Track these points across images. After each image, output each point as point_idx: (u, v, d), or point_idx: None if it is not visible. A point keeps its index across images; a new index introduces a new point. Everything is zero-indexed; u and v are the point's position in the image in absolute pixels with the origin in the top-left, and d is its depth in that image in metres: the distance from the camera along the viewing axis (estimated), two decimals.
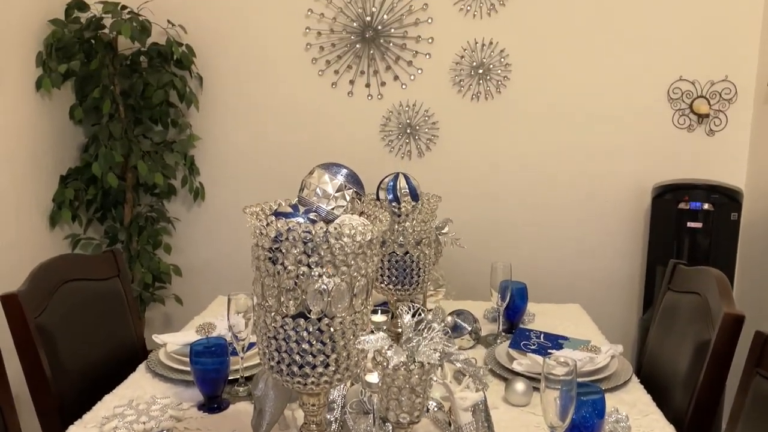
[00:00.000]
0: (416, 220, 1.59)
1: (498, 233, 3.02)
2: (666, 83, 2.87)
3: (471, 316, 1.86)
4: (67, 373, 1.57)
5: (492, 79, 2.93)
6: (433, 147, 3.01)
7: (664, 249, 2.69)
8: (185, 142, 2.96)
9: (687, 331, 1.60)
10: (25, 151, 2.58)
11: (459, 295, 2.32)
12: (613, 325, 2.96)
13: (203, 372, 1.46)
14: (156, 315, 3.20)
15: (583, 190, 2.96)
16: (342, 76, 2.97)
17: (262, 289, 1.00)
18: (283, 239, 0.95)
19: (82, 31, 2.69)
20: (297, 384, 1.01)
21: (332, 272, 0.96)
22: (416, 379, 0.94)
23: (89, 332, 1.70)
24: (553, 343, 1.74)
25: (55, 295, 1.61)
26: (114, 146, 2.71)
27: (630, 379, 1.60)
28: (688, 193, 2.62)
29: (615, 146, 2.92)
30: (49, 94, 2.71)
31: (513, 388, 1.49)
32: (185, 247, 3.13)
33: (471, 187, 3.01)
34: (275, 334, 1.00)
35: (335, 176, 1.05)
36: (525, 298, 1.98)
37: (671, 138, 2.90)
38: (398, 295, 1.63)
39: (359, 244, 0.97)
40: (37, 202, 2.66)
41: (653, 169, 2.90)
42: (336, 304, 0.97)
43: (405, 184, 1.57)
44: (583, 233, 2.99)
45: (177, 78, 2.81)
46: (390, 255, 1.60)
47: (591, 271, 3.01)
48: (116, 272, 1.87)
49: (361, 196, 1.08)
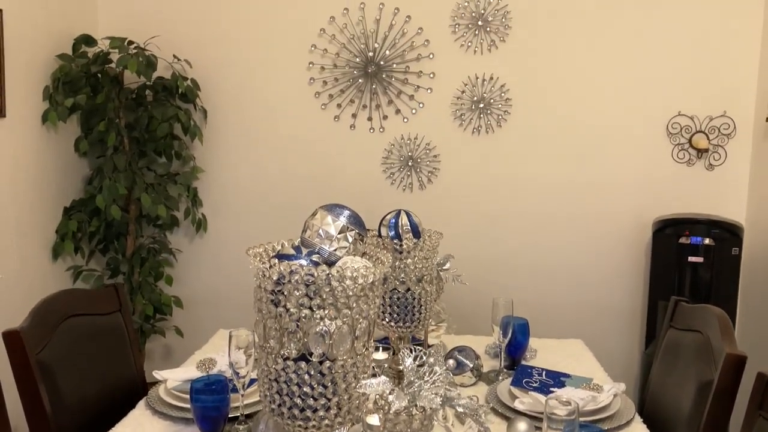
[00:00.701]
0: (418, 257, 1.59)
1: (499, 267, 3.02)
2: (665, 118, 2.91)
3: (473, 352, 1.85)
4: (67, 408, 1.57)
5: (492, 113, 2.96)
6: (435, 180, 3.03)
7: (666, 283, 2.69)
8: (189, 174, 2.99)
9: (689, 369, 1.59)
10: (31, 183, 2.60)
11: (461, 330, 2.31)
12: (615, 359, 2.95)
13: (203, 410, 1.45)
14: (156, 347, 3.19)
15: (585, 224, 2.98)
16: (344, 109, 3.01)
17: (264, 330, 1.00)
18: (286, 282, 0.96)
19: (89, 65, 2.73)
20: (298, 427, 1.00)
21: (334, 315, 0.97)
22: (418, 423, 0.94)
23: (90, 367, 1.70)
24: (555, 381, 1.73)
25: (57, 331, 1.62)
26: (118, 178, 2.73)
27: (633, 419, 1.59)
28: (688, 228, 2.63)
29: (616, 180, 2.94)
30: (55, 128, 2.74)
31: (515, 428, 1.48)
32: (187, 278, 3.14)
33: (472, 220, 3.02)
34: (277, 376, 0.99)
35: (338, 217, 1.06)
36: (527, 334, 1.98)
37: (671, 172, 2.92)
38: (400, 332, 1.63)
39: (361, 286, 0.98)
40: (40, 234, 2.67)
41: (654, 204, 2.91)
42: (337, 347, 0.97)
43: (407, 221, 1.58)
44: (584, 267, 3.00)
45: (182, 111, 2.85)
46: (391, 292, 1.60)
47: (593, 305, 3.01)
48: (118, 306, 1.87)
49: (364, 237, 1.09)
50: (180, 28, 3.00)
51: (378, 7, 2.92)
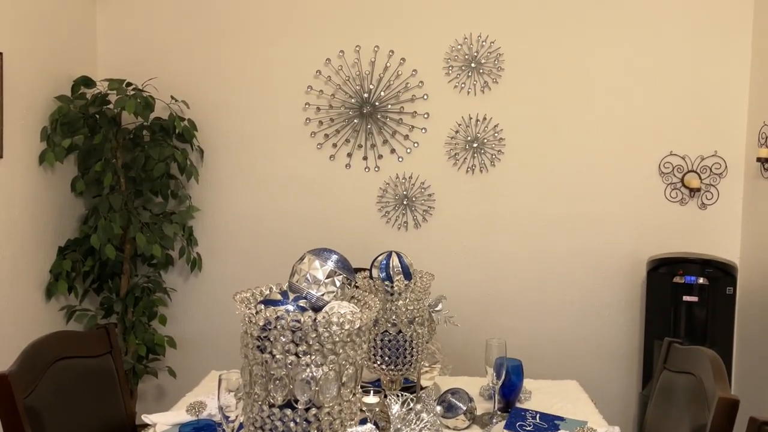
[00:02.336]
0: (409, 299, 1.59)
1: (493, 305, 3.02)
2: (657, 158, 2.93)
3: (466, 395, 1.83)
4: None
5: (486, 152, 2.99)
6: (429, 218, 3.04)
7: (662, 322, 2.68)
8: (184, 214, 3.00)
9: (684, 413, 1.58)
10: (26, 223, 2.61)
11: (456, 371, 2.29)
12: (612, 399, 2.92)
13: None
14: (149, 388, 3.15)
15: (579, 263, 2.98)
16: (340, 149, 3.04)
17: (250, 377, 1.00)
18: (272, 328, 0.96)
19: (87, 106, 2.77)
20: None
21: (320, 361, 0.96)
22: None
23: (79, 411, 1.68)
24: (549, 425, 1.71)
25: (47, 374, 1.60)
26: (113, 218, 2.73)
27: None
28: (682, 267, 2.63)
29: (609, 219, 2.96)
30: (52, 168, 2.76)
31: None
32: (181, 318, 3.12)
33: (466, 257, 3.03)
34: (262, 424, 0.99)
35: (325, 262, 1.06)
36: (521, 375, 1.96)
37: (664, 211, 2.93)
38: (391, 375, 1.61)
39: (348, 332, 0.98)
40: (34, 274, 2.67)
41: (648, 242, 2.92)
42: (324, 393, 0.97)
43: (398, 262, 1.58)
44: (579, 306, 2.99)
45: (178, 151, 2.87)
46: (383, 334, 1.59)
47: (588, 344, 2.99)
48: (108, 348, 1.86)
49: (352, 281, 1.09)
50: (178, 69, 3.05)
51: (373, 49, 2.98)
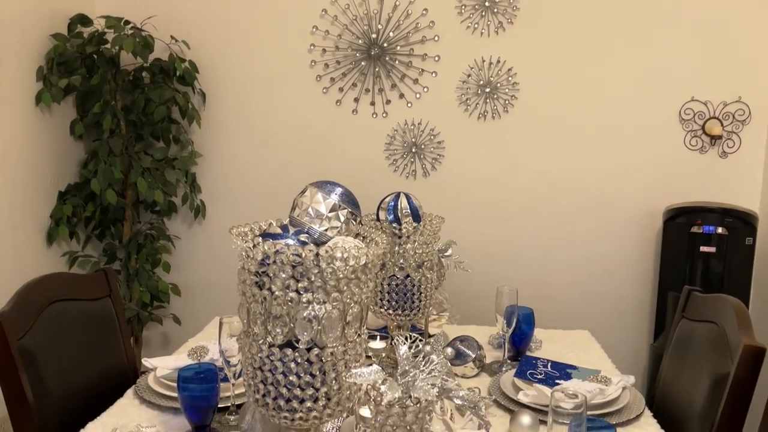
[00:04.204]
0: (418, 242, 1.52)
1: (504, 256, 2.94)
2: (677, 104, 2.81)
3: (475, 342, 1.78)
4: (52, 398, 1.50)
5: (499, 98, 2.87)
6: (439, 167, 2.95)
7: (676, 274, 2.61)
8: (186, 159, 2.91)
9: (703, 362, 1.51)
10: (24, 166, 2.54)
11: (463, 320, 2.24)
12: (622, 352, 2.87)
13: (191, 399, 1.38)
14: (154, 335, 3.13)
15: (593, 213, 2.89)
16: (346, 93, 2.93)
17: (248, 315, 0.93)
18: (271, 262, 0.89)
19: (84, 45, 2.66)
20: (284, 419, 0.93)
21: (323, 299, 0.89)
22: (412, 416, 0.87)
23: (77, 355, 1.63)
24: (561, 373, 1.65)
25: (42, 316, 1.55)
26: (113, 162, 2.66)
27: (642, 413, 1.51)
28: (700, 217, 2.54)
29: (625, 167, 2.85)
30: (49, 109, 2.67)
31: (518, 422, 1.41)
32: (185, 265, 3.07)
33: (477, 207, 2.94)
34: (261, 364, 0.93)
35: (329, 195, 0.98)
36: (532, 324, 1.90)
37: (683, 160, 2.83)
38: (398, 320, 1.55)
39: (353, 268, 0.91)
40: (34, 219, 2.61)
41: (665, 192, 2.82)
42: (327, 333, 0.90)
43: (406, 204, 1.50)
44: (592, 256, 2.91)
45: (179, 94, 2.77)
46: (390, 278, 1.53)
47: (600, 295, 2.92)
48: (108, 292, 1.80)
49: (357, 216, 1.01)
50: (177, 8, 2.92)
51: None
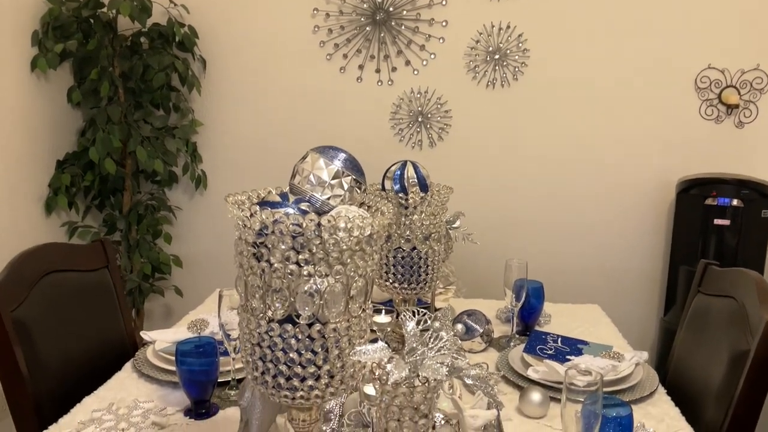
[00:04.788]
0: (425, 213, 1.46)
1: (513, 228, 2.88)
2: (693, 72, 2.71)
3: (483, 316, 1.73)
4: (47, 371, 1.46)
5: (509, 65, 2.78)
6: (446, 136, 2.87)
7: (689, 247, 2.55)
8: (187, 128, 2.84)
9: (721, 338, 1.46)
10: (21, 134, 2.47)
11: (470, 293, 2.19)
12: (630, 326, 2.82)
13: (190, 374, 1.34)
14: (156, 307, 3.10)
15: (604, 184, 2.82)
16: (351, 60, 2.84)
17: (246, 288, 0.88)
18: (269, 233, 0.83)
19: (80, 9, 2.57)
20: (284, 398, 0.88)
21: (325, 271, 0.83)
22: (420, 396, 0.81)
23: (73, 328, 1.59)
24: (571, 349, 1.60)
25: (36, 287, 1.50)
26: (112, 131, 2.59)
27: (656, 390, 1.46)
28: (715, 188, 2.47)
29: (638, 138, 2.77)
30: (45, 75, 2.60)
31: (528, 398, 1.36)
32: (186, 236, 3.02)
33: (485, 179, 2.87)
34: (260, 340, 0.87)
35: (331, 161, 0.92)
36: (541, 298, 1.85)
37: (698, 130, 2.74)
38: (404, 294, 1.50)
39: (357, 239, 0.85)
40: (32, 188, 2.56)
41: (678, 163, 2.74)
42: (329, 308, 0.85)
43: (413, 173, 1.44)
44: (602, 229, 2.85)
45: (179, 61, 2.70)
46: (395, 251, 1.47)
47: (609, 269, 2.87)
48: (105, 263, 1.75)
49: (361, 184, 0.95)
50: None
51: None
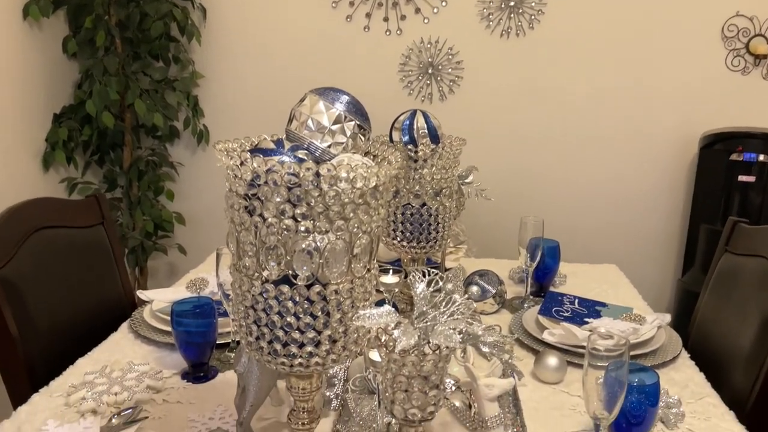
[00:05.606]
0: (436, 167, 1.36)
1: (526, 185, 2.77)
2: (720, 19, 2.56)
3: (495, 277, 1.65)
4: (39, 332, 1.40)
5: (524, 13, 2.63)
6: (457, 89, 2.75)
7: (711, 206, 2.44)
8: (187, 81, 2.73)
9: (750, 300, 1.37)
10: (14, 86, 2.37)
11: (481, 253, 2.11)
12: (646, 288, 2.73)
13: (187, 335, 1.27)
14: (160, 265, 3.04)
15: (623, 139, 2.69)
16: (358, 8, 2.70)
17: (238, 246, 0.79)
18: (262, 183, 0.74)
19: None
20: (281, 365, 0.81)
21: (325, 227, 0.75)
22: (430, 366, 0.73)
23: (67, 287, 1.52)
24: (589, 311, 1.52)
25: (26, 244, 1.43)
26: (109, 83, 2.49)
27: (679, 355, 1.38)
28: (741, 143, 2.35)
29: (660, 90, 2.63)
30: (38, 24, 2.48)
31: (544, 363, 1.29)
32: (189, 193, 2.94)
33: (498, 134, 2.75)
34: (253, 303, 0.79)
35: (332, 104, 0.82)
36: (557, 258, 1.76)
37: (724, 82, 2.60)
38: (413, 253, 1.41)
39: (360, 191, 0.75)
40: (28, 142, 2.47)
41: (702, 116, 2.61)
42: (330, 268, 0.76)
43: (423, 122, 1.33)
44: (620, 185, 2.74)
45: (177, 9, 2.56)
46: (404, 207, 1.38)
47: (626, 227, 2.76)
48: (100, 219, 1.68)
49: (366, 131, 0.85)
50: None
51: None
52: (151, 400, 1.19)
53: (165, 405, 1.18)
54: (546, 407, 1.20)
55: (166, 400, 1.20)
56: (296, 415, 0.88)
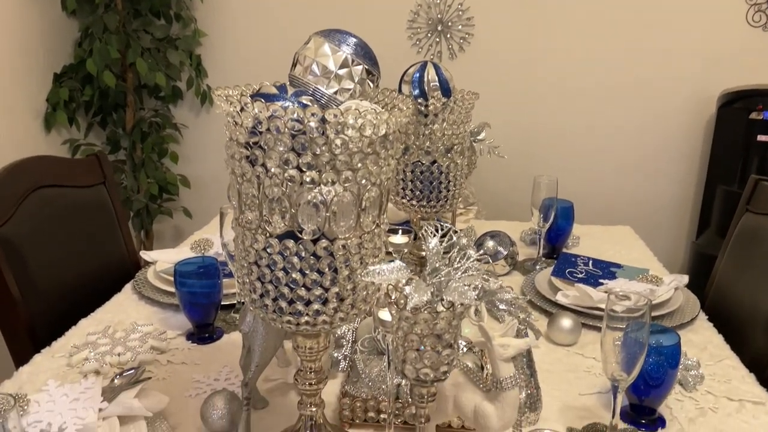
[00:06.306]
0: (447, 122, 1.30)
1: (538, 147, 2.71)
2: None
3: (507, 238, 1.60)
4: (41, 293, 1.37)
5: None
6: (468, 47, 2.66)
7: (728, 166, 2.38)
8: (190, 39, 2.66)
9: None
10: (13, 44, 2.31)
11: (492, 215, 2.06)
12: (659, 250, 2.69)
13: (191, 296, 1.24)
14: (166, 228, 3.01)
15: (639, 97, 2.61)
16: None
17: (239, 199, 0.75)
18: (264, 130, 0.69)
19: None
20: (287, 324, 0.77)
21: (332, 178, 0.70)
22: (444, 324, 0.69)
23: (68, 247, 1.49)
24: (604, 272, 1.48)
25: (25, 203, 1.39)
26: (109, 40, 2.42)
27: (697, 317, 1.34)
28: (761, 101, 2.27)
29: (677, 47, 2.54)
30: None
31: (558, 325, 1.25)
32: (194, 156, 2.89)
33: (510, 93, 2.68)
34: (257, 258, 0.75)
35: (339, 47, 0.77)
36: (570, 219, 1.71)
37: (744, 38, 2.50)
38: (423, 212, 1.37)
39: (369, 140, 0.71)
40: (29, 102, 2.42)
41: (721, 74, 2.52)
42: (337, 222, 0.72)
43: (434, 75, 1.27)
44: (635, 145, 2.67)
45: None
46: (414, 164, 1.33)
47: (640, 189, 2.70)
48: (101, 179, 1.63)
49: (375, 76, 0.80)
50: None
51: None
52: (155, 361, 1.16)
53: (169, 366, 1.15)
54: (560, 369, 1.17)
55: (171, 361, 1.17)
56: (303, 375, 0.85)
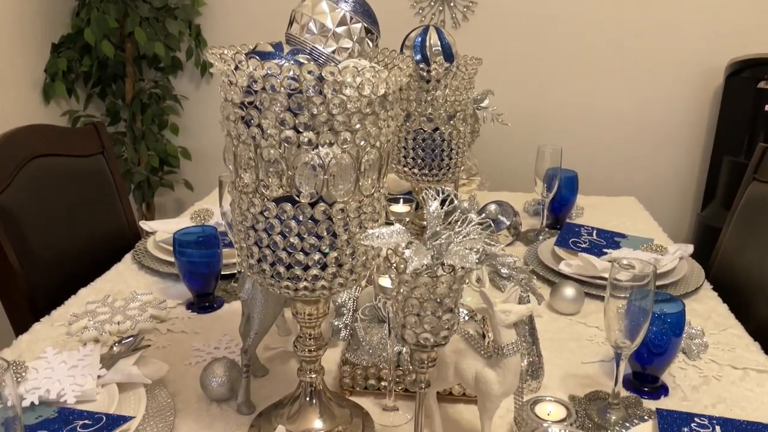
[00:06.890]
0: (450, 88, 1.28)
1: (543, 116, 2.67)
2: None
3: (510, 208, 1.58)
4: (40, 262, 1.37)
5: None
6: (471, 16, 2.62)
7: (735, 136, 2.34)
8: (189, 8, 2.62)
9: None
10: (9, 13, 2.27)
11: (494, 187, 2.04)
12: (664, 222, 2.66)
13: (190, 265, 1.23)
14: (167, 201, 3.00)
15: (645, 66, 2.57)
16: None
17: (235, 161, 0.73)
18: (259, 89, 0.67)
19: None
20: (285, 289, 0.76)
21: (330, 139, 0.68)
22: (444, 288, 0.68)
23: (67, 217, 1.48)
24: (608, 242, 1.46)
25: (22, 172, 1.38)
26: (107, 9, 2.38)
27: (701, 286, 1.33)
28: None
29: (685, 14, 2.49)
30: None
31: (561, 294, 1.24)
32: (194, 127, 2.87)
33: (514, 62, 2.63)
34: (254, 222, 0.73)
35: (337, 4, 0.74)
36: (574, 190, 1.69)
37: (753, 5, 2.45)
38: (424, 181, 1.35)
39: (368, 99, 0.68)
40: (27, 73, 2.39)
41: (729, 43, 2.47)
42: (335, 185, 0.70)
43: (437, 39, 1.24)
44: (640, 115, 2.63)
45: None
46: (415, 132, 1.30)
47: (645, 159, 2.67)
48: (100, 148, 1.62)
49: (374, 35, 0.77)
50: None
51: None
52: (155, 329, 1.16)
53: (169, 335, 1.15)
54: (562, 338, 1.16)
55: (171, 330, 1.16)
56: (302, 342, 0.84)
